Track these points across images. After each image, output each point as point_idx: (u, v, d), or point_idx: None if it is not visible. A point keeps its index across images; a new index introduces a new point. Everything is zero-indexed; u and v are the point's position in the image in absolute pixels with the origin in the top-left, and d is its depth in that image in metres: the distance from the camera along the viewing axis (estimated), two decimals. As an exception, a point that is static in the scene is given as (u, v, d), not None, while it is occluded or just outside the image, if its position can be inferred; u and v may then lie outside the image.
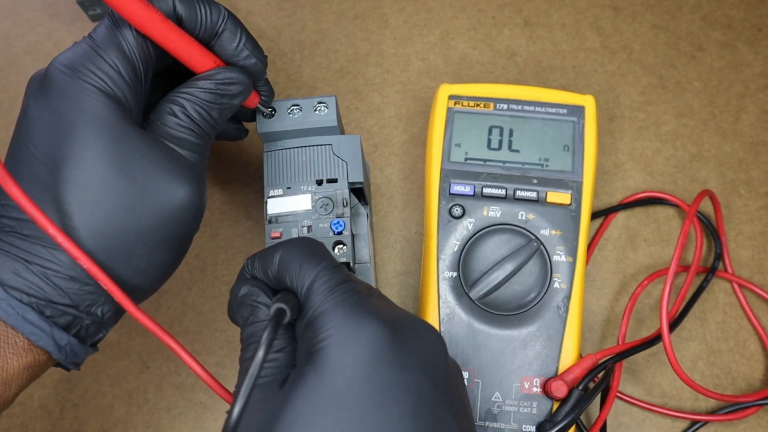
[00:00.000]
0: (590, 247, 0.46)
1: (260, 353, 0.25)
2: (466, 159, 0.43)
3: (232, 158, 0.49)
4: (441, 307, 0.41)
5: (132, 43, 0.31)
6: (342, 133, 0.40)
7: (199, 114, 0.33)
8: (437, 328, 0.40)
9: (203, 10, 0.33)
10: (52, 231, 0.28)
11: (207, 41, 0.34)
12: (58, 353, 0.30)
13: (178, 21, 0.32)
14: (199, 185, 0.33)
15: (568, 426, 0.38)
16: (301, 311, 0.29)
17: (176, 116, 0.32)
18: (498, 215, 0.42)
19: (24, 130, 0.31)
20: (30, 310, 0.29)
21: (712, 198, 0.45)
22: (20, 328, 0.29)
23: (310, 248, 0.30)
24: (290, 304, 0.28)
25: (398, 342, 0.27)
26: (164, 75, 0.36)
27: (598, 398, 0.40)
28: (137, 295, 0.33)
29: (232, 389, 0.30)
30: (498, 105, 0.44)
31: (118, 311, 0.33)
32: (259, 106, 0.38)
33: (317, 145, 0.39)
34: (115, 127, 0.30)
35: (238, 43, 0.34)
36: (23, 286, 0.29)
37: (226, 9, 0.34)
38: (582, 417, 0.43)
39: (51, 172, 0.29)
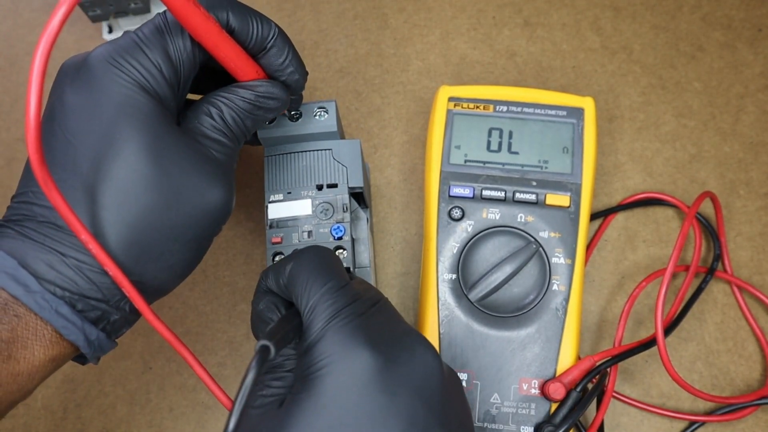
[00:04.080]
0: (589, 247, 0.47)
1: (249, 378, 0.25)
2: (465, 161, 0.43)
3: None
4: (440, 309, 0.41)
5: (180, 48, 0.32)
6: (342, 137, 0.40)
7: (234, 120, 0.33)
8: (436, 330, 0.41)
9: (255, 25, 0.33)
10: (84, 237, 0.28)
11: (255, 54, 0.34)
12: (87, 347, 0.30)
13: (230, 32, 0.33)
14: (231, 189, 0.33)
15: (567, 429, 0.38)
16: (304, 333, 0.29)
17: (212, 118, 0.33)
18: (497, 217, 0.42)
19: (60, 116, 0.30)
20: (63, 304, 0.29)
21: (713, 200, 0.45)
22: (53, 322, 0.29)
23: (319, 262, 0.31)
24: (289, 328, 0.29)
25: (391, 369, 0.28)
26: (202, 72, 0.36)
27: (595, 399, 0.40)
28: (160, 293, 0.33)
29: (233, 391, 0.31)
30: (497, 107, 0.44)
31: None
32: (285, 112, 0.38)
33: (317, 150, 0.39)
34: (156, 124, 0.30)
35: (284, 59, 0.34)
36: (57, 279, 0.29)
37: (277, 26, 0.34)
38: (580, 417, 0.43)
39: (91, 162, 0.29)
